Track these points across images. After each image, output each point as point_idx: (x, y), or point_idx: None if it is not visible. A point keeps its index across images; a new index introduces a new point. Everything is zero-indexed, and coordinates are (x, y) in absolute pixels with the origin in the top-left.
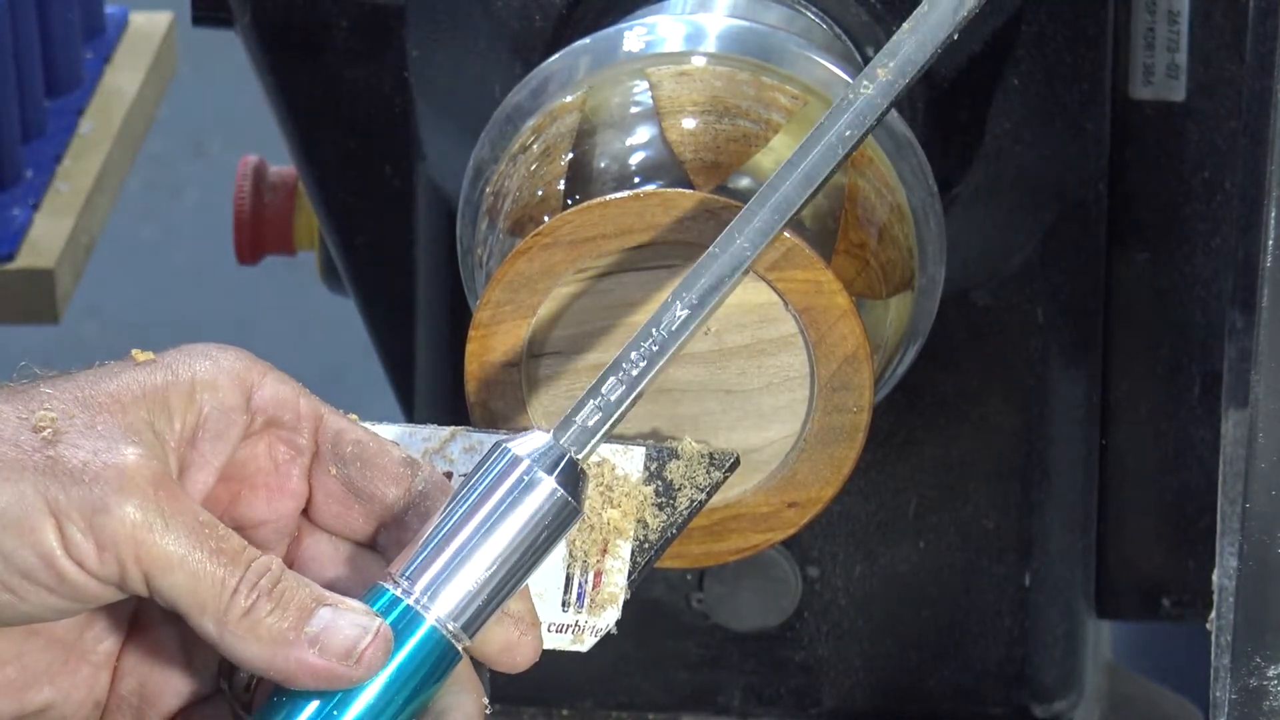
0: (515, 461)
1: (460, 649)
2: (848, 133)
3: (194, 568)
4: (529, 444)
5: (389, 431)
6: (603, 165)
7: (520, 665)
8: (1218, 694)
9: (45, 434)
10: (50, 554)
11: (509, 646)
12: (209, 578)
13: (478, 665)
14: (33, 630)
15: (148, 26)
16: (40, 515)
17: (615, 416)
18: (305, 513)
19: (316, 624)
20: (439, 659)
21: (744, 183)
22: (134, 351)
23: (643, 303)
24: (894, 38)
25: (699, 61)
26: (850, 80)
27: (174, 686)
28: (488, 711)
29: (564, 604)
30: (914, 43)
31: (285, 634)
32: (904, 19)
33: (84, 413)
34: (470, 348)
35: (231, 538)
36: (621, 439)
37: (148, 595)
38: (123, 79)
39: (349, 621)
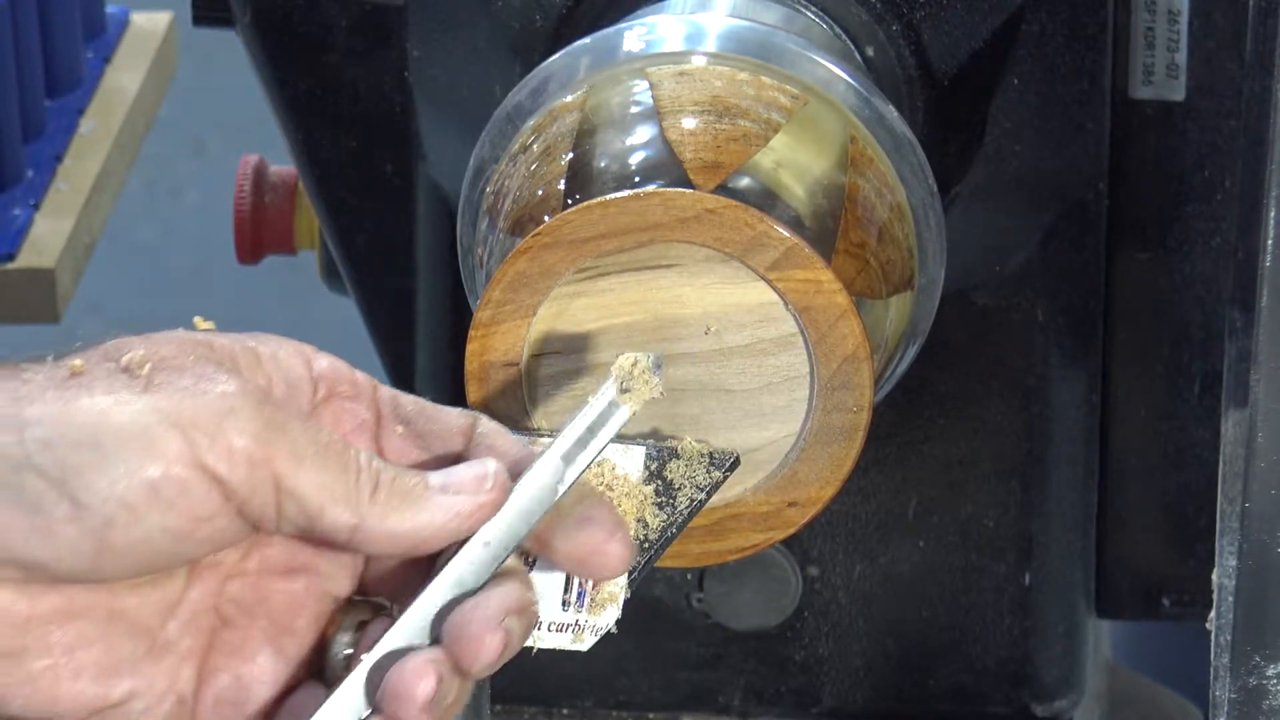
0: None
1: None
2: (441, 601)
3: (320, 460)
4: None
5: None
6: (603, 165)
7: (611, 567)
8: (1218, 693)
9: (144, 370)
10: (178, 459)
11: (596, 549)
12: (335, 465)
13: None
14: (116, 612)
15: (148, 26)
16: (164, 427)
17: None
18: None
19: (437, 479)
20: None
21: (744, 182)
22: (196, 320)
23: (643, 303)
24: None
25: (699, 61)
26: (850, 80)
27: (265, 677)
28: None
29: (564, 603)
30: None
31: (418, 491)
32: (904, 19)
33: (172, 351)
34: (470, 348)
35: (335, 435)
36: (621, 439)
37: (272, 511)
38: (123, 79)
39: (464, 468)
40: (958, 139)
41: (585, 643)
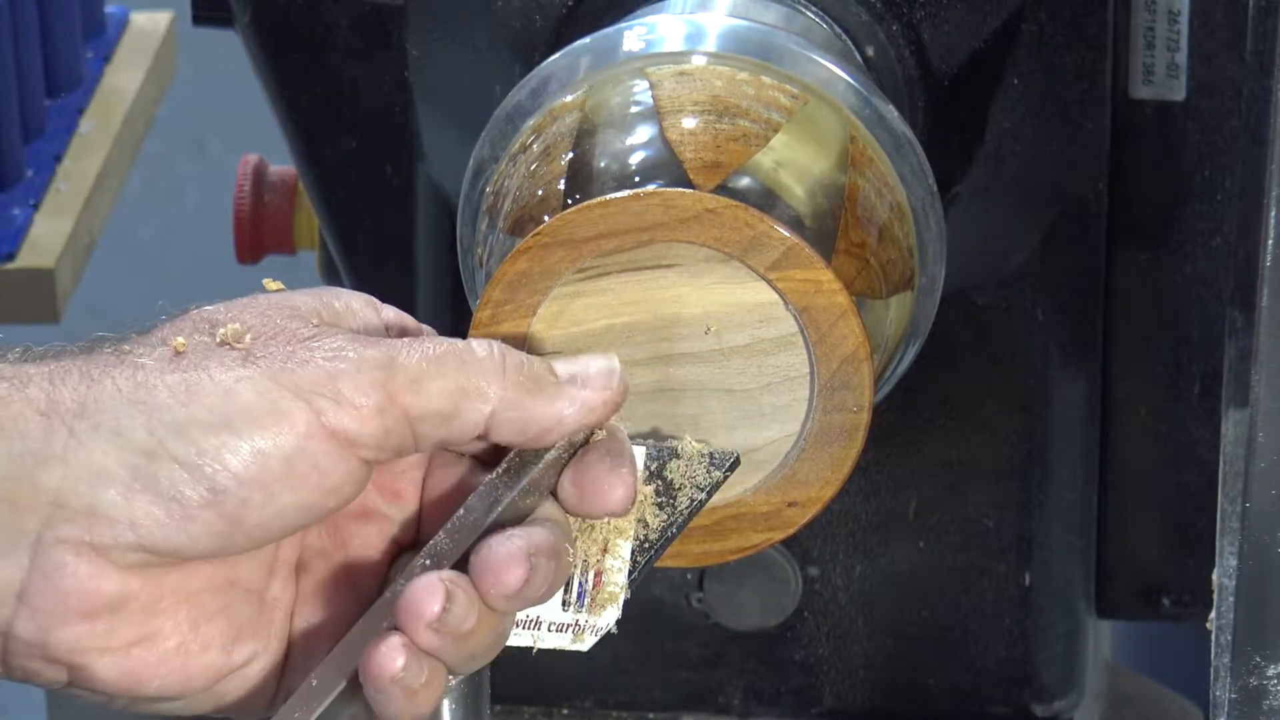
0: None
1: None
2: (384, 624)
3: (437, 370)
4: None
5: None
6: (603, 165)
7: (614, 504)
8: (1218, 693)
9: (245, 340)
10: (309, 433)
11: (600, 481)
12: (453, 366)
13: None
14: (232, 580)
15: (148, 26)
16: (288, 400)
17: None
18: None
19: (564, 369)
20: None
21: (744, 182)
22: (266, 281)
23: (643, 302)
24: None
25: (699, 61)
26: (850, 80)
27: (344, 620)
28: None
29: (564, 603)
30: (452, 541)
31: (546, 380)
32: (904, 19)
33: (260, 319)
34: None
35: (443, 340)
36: None
37: (410, 440)
38: (123, 79)
39: (591, 360)
40: (958, 139)
41: (585, 643)
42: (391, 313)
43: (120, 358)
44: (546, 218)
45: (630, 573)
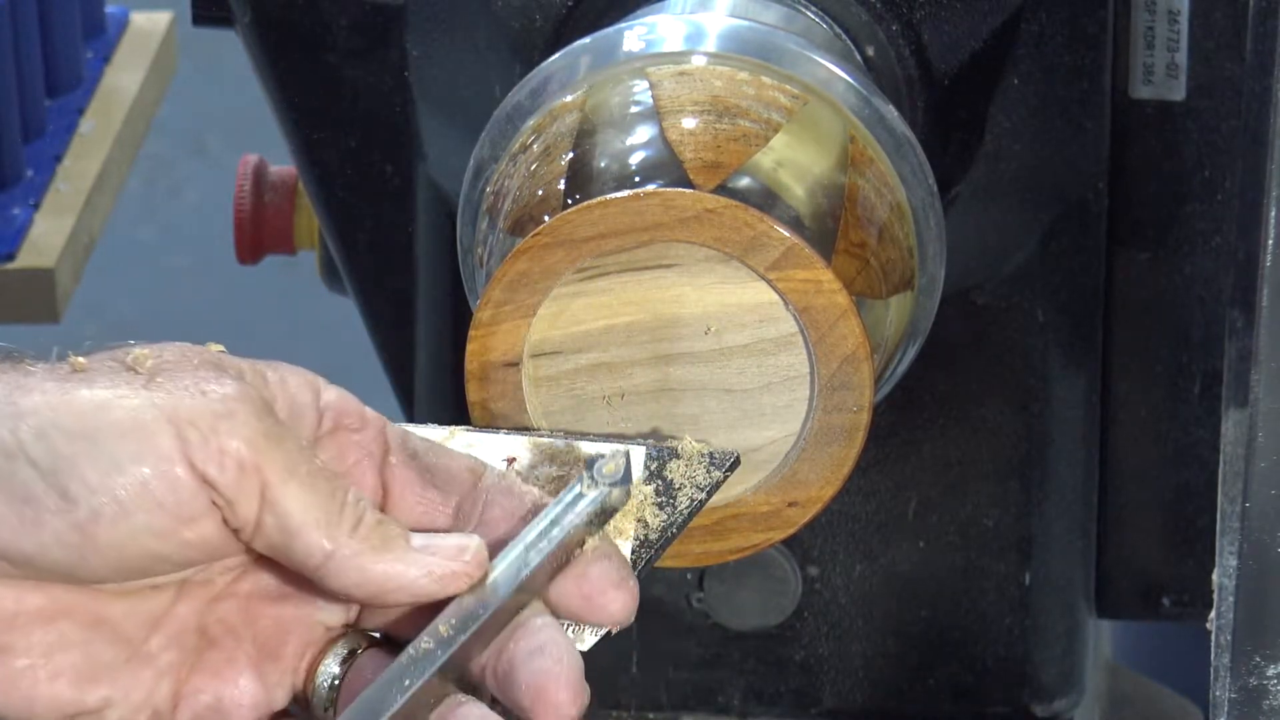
0: None
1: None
2: (405, 682)
3: (308, 480)
4: None
5: None
6: (603, 165)
7: (616, 615)
8: (1218, 693)
9: (147, 365)
10: (169, 457)
11: (598, 594)
12: (323, 491)
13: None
14: (99, 618)
15: (148, 26)
16: (159, 423)
17: None
18: (382, 510)
19: (419, 539)
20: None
21: (744, 182)
22: (209, 345)
23: (643, 303)
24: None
25: (699, 61)
26: (850, 80)
27: (245, 701)
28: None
29: None
30: (473, 599)
31: (398, 541)
32: (904, 19)
33: (177, 356)
34: (470, 348)
35: (328, 466)
36: (622, 438)
37: (253, 520)
38: (123, 79)
39: (448, 536)
40: (958, 139)
41: (585, 643)
42: (333, 396)
43: (14, 366)
44: (546, 218)
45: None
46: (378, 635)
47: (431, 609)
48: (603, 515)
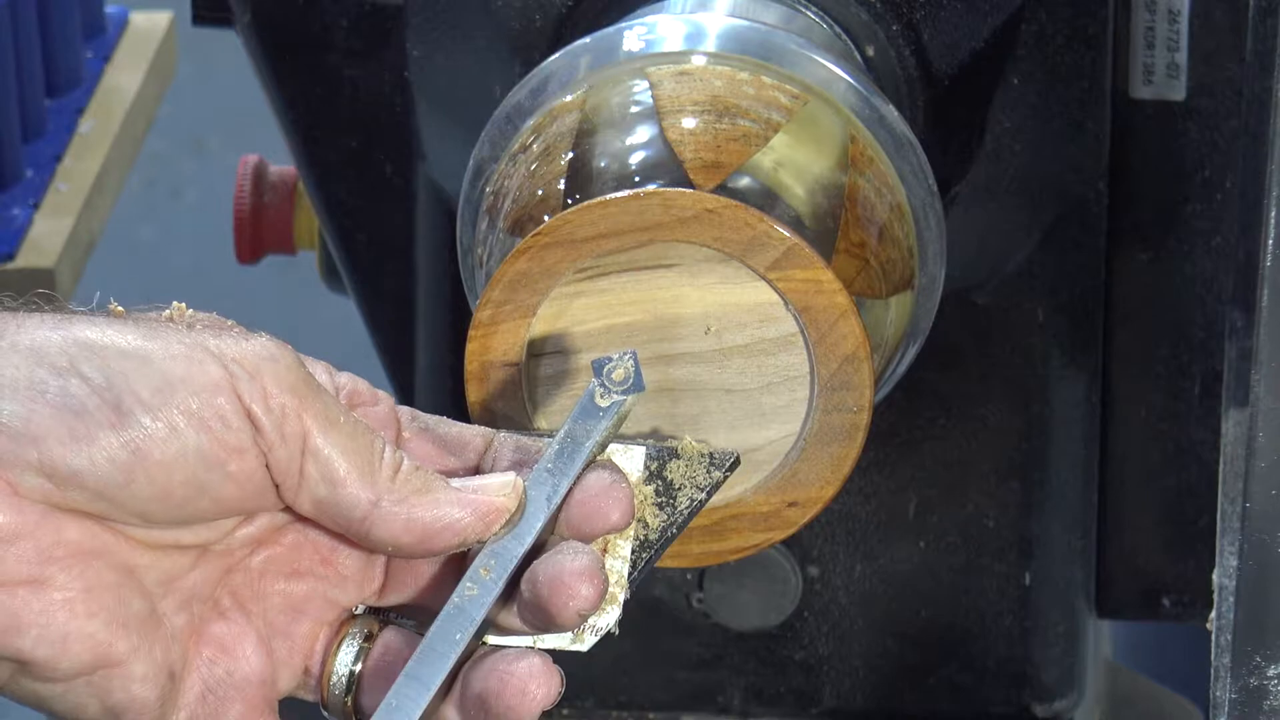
0: None
1: None
2: (457, 635)
3: (347, 428)
4: None
5: None
6: (603, 165)
7: (618, 522)
8: (1218, 694)
9: (186, 318)
10: (219, 385)
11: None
12: (362, 439)
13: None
14: (130, 567)
15: (148, 26)
16: (208, 355)
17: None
18: None
19: (458, 481)
20: None
21: (744, 182)
22: (175, 303)
23: (643, 303)
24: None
25: (699, 61)
26: (850, 80)
27: (253, 678)
28: None
29: None
30: (508, 538)
31: (438, 484)
32: (904, 19)
33: (208, 318)
34: (470, 348)
35: (362, 420)
36: (622, 438)
37: (296, 469)
38: (123, 79)
39: (487, 476)
40: (958, 139)
41: (585, 643)
42: (345, 378)
43: (56, 308)
44: (546, 218)
45: (630, 573)
46: (394, 618)
47: (453, 577)
48: (618, 425)
